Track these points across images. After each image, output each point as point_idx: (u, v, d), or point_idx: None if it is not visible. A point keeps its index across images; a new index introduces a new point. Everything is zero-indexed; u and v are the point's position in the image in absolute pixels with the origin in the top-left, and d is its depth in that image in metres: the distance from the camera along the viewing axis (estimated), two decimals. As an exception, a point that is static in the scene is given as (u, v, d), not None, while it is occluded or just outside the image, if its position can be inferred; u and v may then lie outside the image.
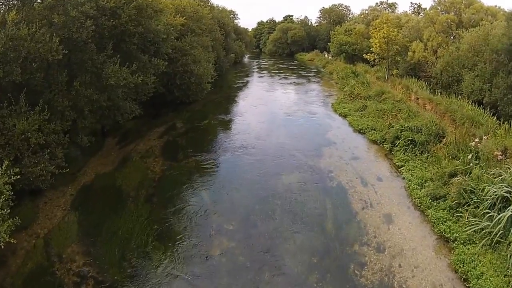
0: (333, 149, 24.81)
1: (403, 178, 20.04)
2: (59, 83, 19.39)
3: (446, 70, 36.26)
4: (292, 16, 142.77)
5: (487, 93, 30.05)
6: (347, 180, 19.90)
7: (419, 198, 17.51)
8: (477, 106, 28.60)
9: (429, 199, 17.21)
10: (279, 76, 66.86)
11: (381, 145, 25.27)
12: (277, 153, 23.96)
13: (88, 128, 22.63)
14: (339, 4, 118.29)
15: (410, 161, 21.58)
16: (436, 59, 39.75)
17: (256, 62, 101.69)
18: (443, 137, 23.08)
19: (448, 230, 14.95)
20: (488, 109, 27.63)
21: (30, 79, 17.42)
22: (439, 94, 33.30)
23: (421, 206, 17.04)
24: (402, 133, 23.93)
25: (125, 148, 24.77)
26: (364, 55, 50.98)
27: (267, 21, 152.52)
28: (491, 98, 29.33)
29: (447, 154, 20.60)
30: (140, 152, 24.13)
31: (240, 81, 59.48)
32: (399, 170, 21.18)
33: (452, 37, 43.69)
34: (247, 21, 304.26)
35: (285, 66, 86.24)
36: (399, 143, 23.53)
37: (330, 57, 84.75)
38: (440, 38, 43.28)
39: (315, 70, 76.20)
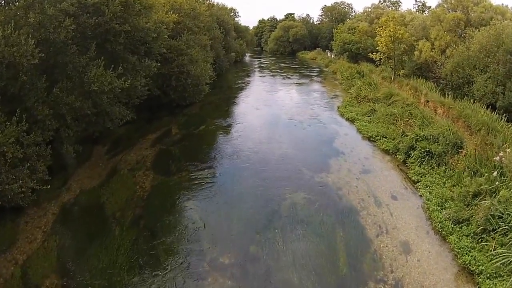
0: (341, 161, 22.65)
1: (420, 196, 18.01)
2: (38, 89, 17.45)
3: (456, 71, 34.35)
4: (294, 14, 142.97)
5: (500, 96, 28.48)
6: (358, 200, 17.78)
7: (440, 222, 15.46)
8: (490, 110, 26.88)
9: (451, 223, 15.22)
10: (281, 75, 64.84)
11: (393, 155, 23.21)
12: (279, 166, 21.76)
13: (74, 137, 20.49)
14: (341, 1, 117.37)
15: (427, 175, 19.57)
16: (445, 59, 37.72)
17: (257, 61, 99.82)
18: (461, 148, 21.15)
19: (473, 261, 13.01)
20: (501, 113, 25.97)
21: (6, 86, 15.83)
22: (450, 96, 31.48)
23: (442, 232, 15.01)
24: (417, 143, 21.98)
25: (114, 158, 22.76)
26: (370, 54, 48.86)
27: (268, 19, 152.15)
28: (505, 102, 27.81)
29: (467, 167, 18.68)
30: (130, 163, 22.12)
31: (241, 81, 57.30)
32: (415, 186, 19.12)
33: (460, 36, 42.04)
34: (248, 19, 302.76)
35: (286, 65, 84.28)
36: (414, 154, 21.55)
37: (332, 56, 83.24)
38: (449, 37, 41.47)
39: (317, 69, 74.19)
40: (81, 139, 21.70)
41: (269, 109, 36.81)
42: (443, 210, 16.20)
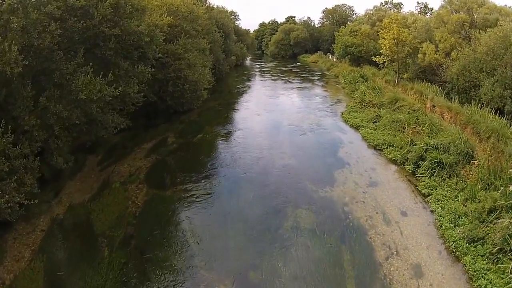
0: (346, 172, 21.39)
1: (432, 212, 16.82)
2: (24, 98, 16.34)
3: (463, 75, 33.16)
4: (295, 17, 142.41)
5: (508, 100, 27.32)
6: (366, 217, 16.53)
7: (453, 242, 14.29)
8: (498, 115, 25.86)
9: (465, 242, 14.04)
10: (282, 79, 63.85)
11: (401, 165, 22.00)
12: (281, 179, 20.57)
13: (65, 147, 19.43)
14: (342, 4, 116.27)
15: (438, 188, 18.41)
16: (451, 62, 36.57)
17: (258, 64, 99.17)
18: (472, 157, 20.02)
19: (489, 285, 11.98)
20: (510, 119, 25.16)
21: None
22: (456, 100, 30.40)
23: (456, 252, 13.86)
24: (427, 153, 20.77)
25: (107, 169, 21.69)
26: (373, 57, 47.69)
27: (269, 22, 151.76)
28: None
29: (480, 179, 17.54)
30: (122, 175, 21.01)
31: (241, 86, 56.28)
32: (425, 200, 17.93)
33: (465, 38, 40.99)
34: (249, 22, 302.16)
35: (288, 68, 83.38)
36: (424, 165, 20.32)
37: (334, 59, 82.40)
38: (453, 39, 40.35)
39: (319, 73, 73.14)
40: (73, 149, 20.85)
41: (270, 115, 35.69)
42: (457, 227, 15.09)
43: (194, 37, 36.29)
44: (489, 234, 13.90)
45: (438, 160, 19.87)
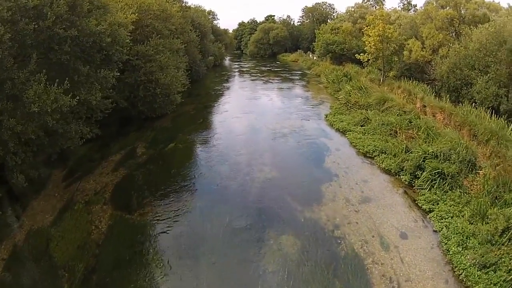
0: (335, 186, 18.92)
1: (435, 232, 14.62)
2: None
3: (453, 72, 31.39)
4: (274, 16, 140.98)
5: (503, 99, 26.01)
6: (360, 242, 14.12)
7: (463, 269, 12.16)
8: (493, 115, 24.22)
9: (476, 269, 11.97)
10: (262, 80, 61.43)
11: (396, 176, 19.71)
12: (261, 198, 17.98)
13: (26, 163, 17.37)
14: (322, 2, 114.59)
15: (440, 203, 16.18)
16: (440, 59, 34.79)
17: (237, 64, 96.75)
18: (475, 165, 17.92)
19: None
20: (505, 119, 23.54)
21: None
22: (447, 100, 28.75)
23: (467, 281, 11.76)
24: (426, 162, 18.52)
25: (71, 186, 19.34)
26: (357, 55, 45.55)
27: (248, 22, 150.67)
28: (509, 106, 25.41)
29: (488, 192, 15.51)
30: (87, 193, 18.57)
31: (219, 87, 53.43)
32: (427, 217, 15.69)
33: (453, 34, 39.43)
34: (230, 23, 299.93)
35: (267, 68, 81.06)
36: (423, 176, 18.03)
37: (315, 58, 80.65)
38: (442, 36, 38.68)
39: (300, 72, 70.91)
40: (37, 163, 19.02)
41: (249, 119, 32.89)
42: (465, 250, 12.95)
43: (167, 37, 33.66)
44: (503, 259, 11.94)
45: (439, 170, 17.63)
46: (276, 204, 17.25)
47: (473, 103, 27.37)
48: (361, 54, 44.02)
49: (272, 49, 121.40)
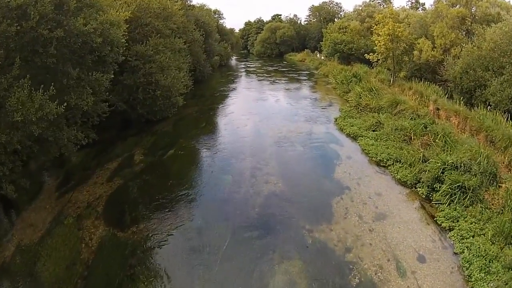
0: (346, 201, 17.30)
1: (455, 254, 13.17)
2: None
3: (467, 73, 29.72)
4: (281, 15, 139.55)
5: None
6: (375, 268, 12.62)
7: (488, 301, 10.65)
8: (509, 119, 22.88)
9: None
10: (268, 80, 59.89)
11: (413, 188, 18.10)
12: (265, 215, 16.29)
13: (15, 173, 16.77)
14: (329, 1, 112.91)
15: (460, 220, 14.71)
16: (452, 59, 33.19)
17: (244, 64, 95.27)
18: (495, 176, 16.42)
19: None
20: None
21: None
22: (460, 102, 26.93)
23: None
24: (445, 174, 16.93)
25: (64, 197, 18.12)
26: (366, 55, 43.86)
27: (254, 21, 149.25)
28: None
29: (511, 208, 14.22)
30: (79, 206, 17.29)
31: (225, 88, 51.77)
32: (446, 236, 14.20)
33: (467, 33, 37.86)
34: (236, 22, 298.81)
35: (274, 68, 79.41)
36: (442, 190, 16.43)
37: (322, 57, 79.09)
38: (454, 35, 37.11)
39: (307, 72, 69.31)
40: (30, 171, 19.08)
41: (255, 123, 31.24)
42: (488, 275, 11.60)
43: (168, 37, 32.26)
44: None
45: (460, 183, 16.07)
46: (282, 224, 15.63)
47: (487, 106, 25.86)
48: (370, 54, 42.33)
49: (279, 49, 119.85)
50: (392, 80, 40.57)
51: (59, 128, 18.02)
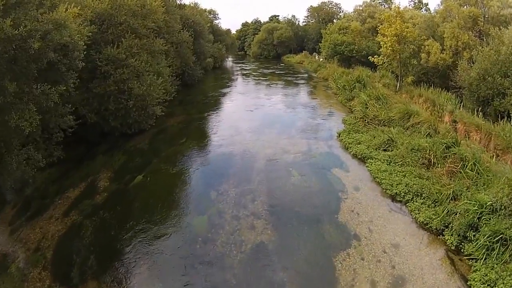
0: (355, 258, 12.98)
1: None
2: None
3: (484, 80, 25.80)
4: (278, 16, 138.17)
5: None
6: None
7: None
8: None
9: None
10: (264, 84, 56.25)
11: (439, 236, 14.01)
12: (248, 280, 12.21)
13: None
14: (328, 1, 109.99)
15: (498, 283, 10.92)
16: (467, 64, 29.44)
17: (239, 66, 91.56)
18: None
19: None
20: None
21: None
22: (480, 114, 23.47)
23: None
24: (482, 220, 12.98)
25: (13, 235, 15.23)
26: (370, 57, 39.75)
27: (252, 22, 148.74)
28: None
29: None
30: (28, 247, 14.27)
31: (216, 94, 47.30)
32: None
33: (480, 35, 34.46)
34: (232, 23, 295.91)
35: (271, 71, 75.59)
36: (478, 241, 12.53)
37: (321, 59, 75.89)
38: (467, 36, 33.58)
39: (306, 75, 65.54)
40: None
41: (245, 139, 26.64)
42: None
43: (146, 37, 28.21)
44: None
45: (501, 234, 12.17)
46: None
47: (508, 117, 22.17)
48: (375, 56, 38.36)
49: (276, 50, 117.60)
50: (398, 85, 36.80)
51: (7, 149, 15.06)
